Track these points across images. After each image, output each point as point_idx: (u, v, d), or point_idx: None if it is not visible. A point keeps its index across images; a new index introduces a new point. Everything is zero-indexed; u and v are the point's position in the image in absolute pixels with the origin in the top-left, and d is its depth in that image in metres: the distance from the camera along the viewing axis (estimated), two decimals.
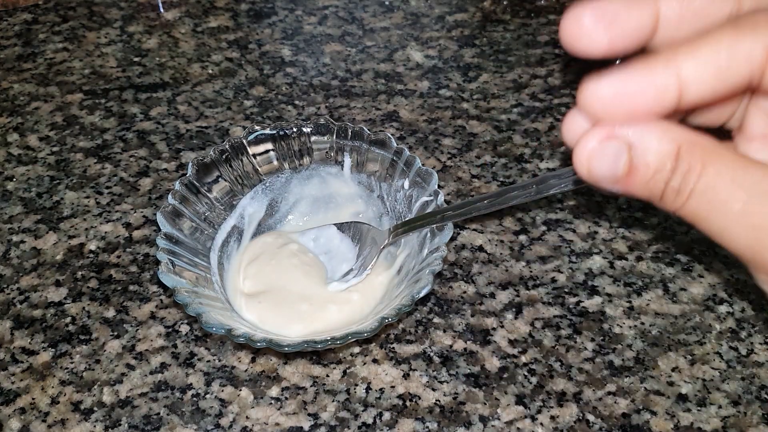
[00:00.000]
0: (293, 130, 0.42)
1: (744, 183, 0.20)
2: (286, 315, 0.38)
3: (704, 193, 0.20)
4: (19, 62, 0.58)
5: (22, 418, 0.35)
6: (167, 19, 0.63)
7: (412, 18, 0.63)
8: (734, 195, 0.20)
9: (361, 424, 0.35)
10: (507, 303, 0.40)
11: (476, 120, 0.52)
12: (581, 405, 0.35)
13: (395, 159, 0.40)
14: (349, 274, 0.40)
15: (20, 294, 0.41)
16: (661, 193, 0.21)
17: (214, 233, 0.40)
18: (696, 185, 0.21)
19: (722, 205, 0.20)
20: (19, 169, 0.49)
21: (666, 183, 0.21)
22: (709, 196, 0.20)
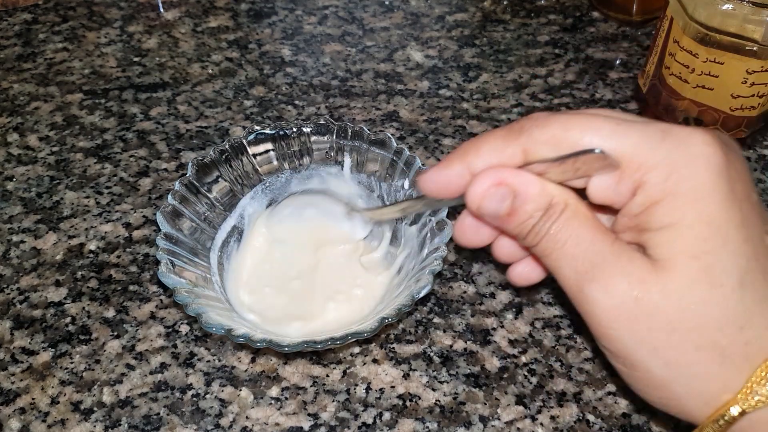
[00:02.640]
0: (293, 130, 0.42)
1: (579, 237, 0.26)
2: (286, 314, 0.38)
3: (551, 238, 0.26)
4: (19, 62, 0.58)
5: (22, 418, 0.35)
6: (167, 19, 0.63)
7: (412, 18, 0.63)
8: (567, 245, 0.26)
9: (361, 424, 0.35)
10: (507, 303, 0.40)
11: (476, 120, 0.52)
12: (581, 405, 0.35)
13: (395, 159, 0.40)
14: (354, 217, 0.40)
15: (20, 294, 0.41)
16: (527, 233, 0.27)
17: (214, 233, 0.40)
18: (548, 231, 0.26)
19: (561, 250, 0.26)
20: (19, 169, 0.49)
21: (533, 226, 0.27)
22: (556, 239, 0.26)
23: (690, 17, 0.42)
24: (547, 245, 0.27)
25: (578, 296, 0.26)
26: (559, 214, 0.26)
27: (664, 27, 0.46)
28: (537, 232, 0.27)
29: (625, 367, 0.27)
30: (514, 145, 0.27)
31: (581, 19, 0.62)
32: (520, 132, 0.26)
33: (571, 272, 0.26)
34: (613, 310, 0.25)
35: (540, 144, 0.26)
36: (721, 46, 0.42)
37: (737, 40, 0.41)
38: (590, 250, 0.26)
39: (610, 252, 0.25)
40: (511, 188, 0.26)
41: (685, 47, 0.44)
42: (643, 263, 0.25)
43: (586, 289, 0.26)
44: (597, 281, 0.25)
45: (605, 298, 0.25)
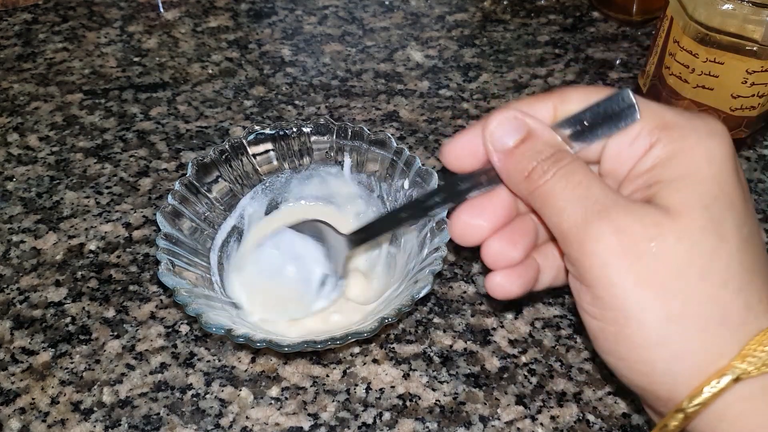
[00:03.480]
0: (293, 130, 0.42)
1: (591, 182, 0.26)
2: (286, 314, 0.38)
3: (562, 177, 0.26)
4: (19, 62, 0.58)
5: (22, 418, 0.35)
6: (167, 19, 0.63)
7: (412, 18, 0.63)
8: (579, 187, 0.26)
9: (361, 424, 0.35)
10: (507, 303, 0.40)
11: (476, 120, 0.52)
12: (581, 405, 0.35)
13: (395, 159, 0.40)
14: (327, 284, 0.38)
15: (20, 294, 0.41)
16: (533, 169, 0.26)
17: (214, 233, 0.40)
18: (560, 170, 0.26)
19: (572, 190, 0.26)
20: (19, 169, 0.49)
21: (541, 162, 0.26)
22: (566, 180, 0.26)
23: (690, 17, 0.42)
24: (556, 184, 0.26)
25: (582, 235, 0.25)
26: (571, 160, 0.26)
27: (664, 27, 0.46)
28: (545, 170, 0.26)
29: (614, 324, 0.25)
30: (544, 102, 0.27)
31: (581, 19, 0.62)
32: (551, 93, 0.28)
33: (579, 211, 0.25)
34: (622, 250, 0.24)
35: (570, 102, 0.27)
36: (721, 46, 0.42)
37: (737, 40, 0.41)
38: (602, 196, 0.25)
39: (622, 200, 0.25)
40: (525, 123, 0.27)
41: (685, 47, 0.44)
42: (655, 210, 0.25)
43: (596, 226, 0.25)
44: (609, 219, 0.24)
45: (615, 238, 0.24)
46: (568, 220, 0.25)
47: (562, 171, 0.26)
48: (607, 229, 0.24)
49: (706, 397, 0.24)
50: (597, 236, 0.25)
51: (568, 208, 0.25)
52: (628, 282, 0.24)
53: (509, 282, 0.30)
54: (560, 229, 0.26)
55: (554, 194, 0.26)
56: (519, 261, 0.30)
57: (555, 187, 0.26)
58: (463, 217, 0.30)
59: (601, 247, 0.24)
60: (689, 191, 0.25)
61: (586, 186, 0.25)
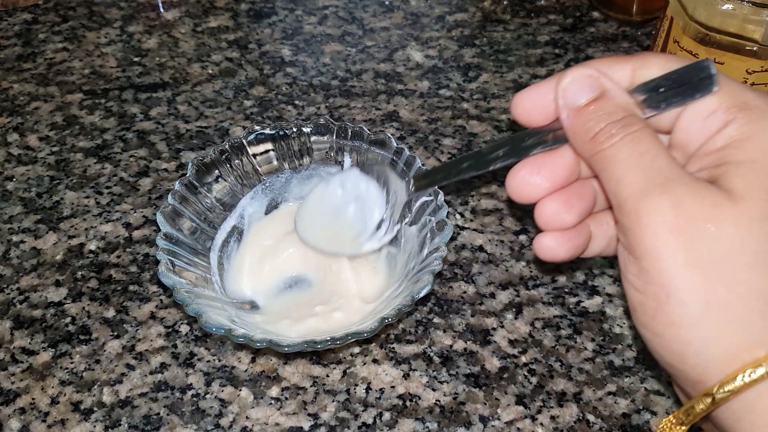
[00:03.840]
0: (293, 130, 0.42)
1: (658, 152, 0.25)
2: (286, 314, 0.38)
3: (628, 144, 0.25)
4: (19, 62, 0.58)
5: (22, 418, 0.35)
6: (167, 19, 0.63)
7: (412, 18, 0.63)
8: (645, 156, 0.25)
9: (361, 424, 0.35)
10: (507, 303, 0.40)
11: (476, 120, 0.52)
12: (581, 405, 0.35)
13: (395, 159, 0.40)
14: (381, 227, 0.39)
15: (20, 294, 0.41)
16: (600, 131, 0.26)
17: (214, 233, 0.40)
18: (627, 136, 0.25)
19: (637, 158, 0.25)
20: (19, 169, 0.49)
21: (609, 125, 0.26)
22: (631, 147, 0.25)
23: (690, 17, 0.42)
24: (621, 150, 0.25)
25: (639, 206, 0.24)
26: (641, 127, 0.25)
27: (664, 27, 0.46)
28: (612, 133, 0.26)
29: (655, 300, 0.25)
30: (624, 65, 0.27)
31: (581, 19, 0.62)
32: (631, 56, 0.27)
33: (641, 181, 0.25)
34: (677, 227, 0.24)
35: (649, 67, 0.26)
36: (721, 46, 0.42)
37: (737, 40, 0.41)
38: (666, 168, 0.25)
39: (686, 175, 0.25)
40: (601, 83, 0.26)
41: (685, 47, 0.44)
42: (718, 191, 0.24)
43: (655, 198, 0.24)
44: (670, 193, 0.24)
45: (673, 213, 0.24)
46: (627, 187, 0.25)
47: (630, 137, 0.25)
48: (666, 202, 0.24)
49: (738, 386, 0.23)
50: (654, 208, 0.24)
51: (629, 176, 0.25)
52: (677, 259, 0.24)
53: (558, 245, 0.30)
54: (618, 196, 0.25)
55: (617, 160, 0.25)
56: (572, 225, 0.30)
57: (619, 152, 0.25)
58: (521, 173, 0.29)
59: (657, 221, 0.24)
60: (755, 177, 0.24)
61: (651, 156, 0.25)
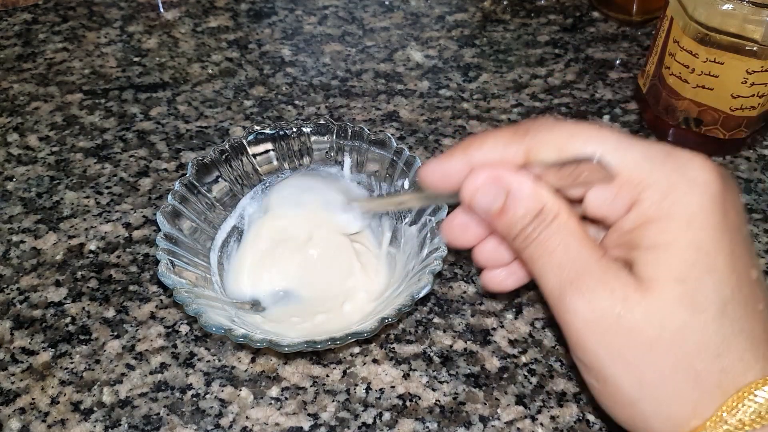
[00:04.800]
0: (293, 130, 0.42)
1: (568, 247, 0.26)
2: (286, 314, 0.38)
3: (540, 244, 0.26)
4: (19, 62, 0.58)
5: (22, 418, 0.35)
6: (167, 19, 0.63)
7: (412, 18, 0.63)
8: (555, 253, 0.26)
9: (361, 424, 0.35)
10: (507, 303, 0.40)
11: (476, 120, 0.52)
12: (581, 405, 0.35)
13: (395, 159, 0.40)
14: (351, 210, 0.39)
15: (20, 294, 0.41)
16: (515, 235, 0.27)
17: (214, 233, 0.40)
18: (538, 236, 0.26)
19: (548, 257, 0.26)
20: (19, 169, 0.49)
21: (522, 229, 0.27)
22: (545, 245, 0.26)
23: (690, 17, 0.42)
24: (535, 251, 0.27)
25: (558, 305, 0.26)
26: (551, 221, 0.26)
27: (664, 27, 0.46)
28: (526, 235, 0.27)
29: (597, 382, 0.27)
30: (518, 144, 0.27)
31: (581, 19, 0.62)
32: (525, 132, 0.27)
33: (555, 280, 0.26)
34: (593, 323, 0.25)
35: (543, 146, 0.26)
36: (721, 46, 0.42)
37: (737, 40, 0.41)
38: (577, 261, 0.26)
39: (597, 265, 0.25)
40: (505, 186, 0.26)
41: (685, 47, 0.44)
42: (628, 280, 0.25)
43: (567, 299, 0.25)
44: (580, 292, 0.25)
45: (586, 310, 0.25)
46: (545, 286, 0.27)
47: (541, 237, 0.26)
48: (578, 301, 0.25)
49: None
50: (571, 309, 0.26)
51: (545, 275, 0.26)
52: (600, 352, 0.25)
53: (507, 275, 0.32)
54: (543, 293, 0.27)
55: (534, 259, 0.27)
56: (510, 261, 0.31)
57: (534, 252, 0.27)
58: (455, 221, 0.31)
59: (576, 321, 0.26)
60: (663, 263, 0.25)
61: (562, 251, 0.26)
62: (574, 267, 0.26)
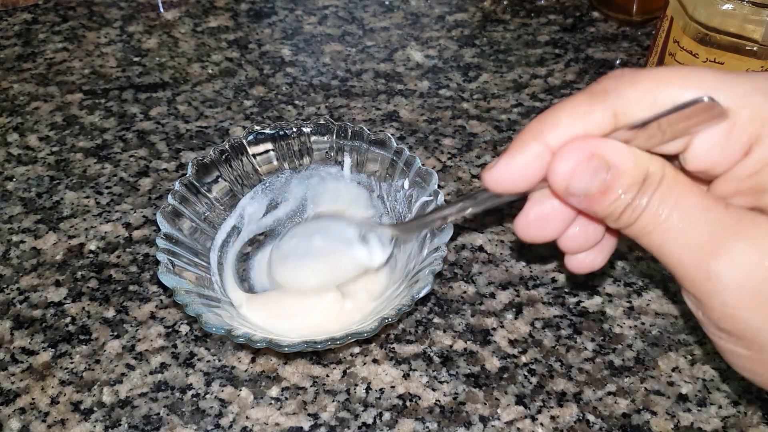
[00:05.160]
0: (293, 130, 0.42)
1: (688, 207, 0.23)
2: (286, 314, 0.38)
3: (653, 213, 0.23)
4: (19, 62, 0.58)
5: (22, 418, 0.35)
6: (167, 19, 0.63)
7: (412, 18, 0.63)
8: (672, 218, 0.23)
9: (361, 424, 0.35)
10: (507, 303, 0.40)
11: (476, 120, 0.52)
12: (581, 405, 0.35)
13: (395, 159, 0.40)
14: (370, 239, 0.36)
15: (20, 294, 0.41)
16: (621, 212, 0.23)
17: (214, 233, 0.40)
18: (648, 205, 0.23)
19: (667, 226, 0.23)
20: (19, 169, 0.49)
21: (629, 203, 0.23)
22: (658, 213, 0.23)
23: (690, 17, 0.42)
24: (648, 222, 0.23)
25: (694, 275, 0.22)
26: (658, 184, 0.23)
27: (664, 27, 0.46)
28: (634, 208, 0.23)
29: (749, 350, 0.23)
30: (601, 109, 0.23)
31: (581, 19, 0.62)
32: (605, 93, 0.23)
33: (684, 248, 0.22)
34: (743, 285, 0.22)
35: (633, 104, 0.23)
36: (721, 46, 0.42)
37: (737, 40, 0.41)
38: (704, 220, 0.22)
39: (728, 219, 0.22)
40: (604, 161, 0.23)
41: (685, 47, 0.44)
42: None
43: (706, 266, 0.22)
44: (721, 254, 0.22)
45: (733, 273, 0.22)
46: (671, 258, 0.23)
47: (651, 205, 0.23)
48: (722, 267, 0.22)
49: None
50: (714, 276, 0.22)
51: (668, 247, 0.23)
52: (754, 316, 0.22)
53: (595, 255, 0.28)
54: (668, 266, 0.24)
55: (647, 233, 0.23)
56: (600, 239, 0.28)
57: (647, 226, 0.23)
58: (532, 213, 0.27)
59: (723, 288, 0.22)
60: None
61: (680, 215, 0.23)
62: (701, 228, 0.22)
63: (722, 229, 0.22)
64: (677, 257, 0.23)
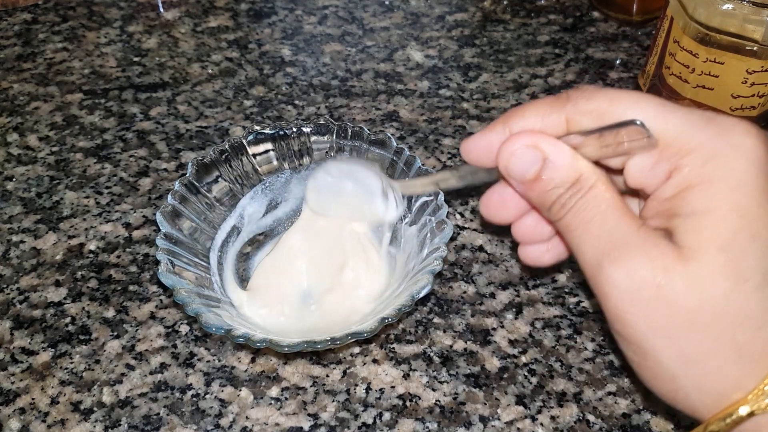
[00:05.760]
0: (293, 130, 0.42)
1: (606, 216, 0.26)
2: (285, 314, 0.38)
3: (577, 214, 0.26)
4: (18, 62, 0.58)
5: (21, 418, 0.35)
6: (167, 19, 0.63)
7: (412, 18, 0.63)
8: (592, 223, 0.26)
9: (361, 425, 0.35)
10: (507, 303, 0.40)
11: (476, 120, 0.52)
12: (581, 405, 0.35)
13: (395, 159, 0.40)
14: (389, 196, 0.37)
15: (20, 294, 0.41)
16: (551, 204, 0.27)
17: (214, 233, 0.40)
18: (574, 205, 0.26)
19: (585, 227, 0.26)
20: (18, 169, 0.49)
21: (558, 198, 0.26)
22: (581, 215, 0.26)
23: (690, 17, 0.42)
24: (572, 220, 0.26)
25: (597, 276, 0.25)
26: (587, 190, 0.26)
27: (664, 27, 0.46)
28: (562, 204, 0.26)
29: (636, 355, 0.26)
30: (558, 113, 0.27)
31: (581, 19, 0.62)
32: (566, 101, 0.27)
33: (593, 251, 0.25)
34: (632, 293, 0.24)
35: (583, 114, 0.26)
36: (721, 46, 0.42)
37: (737, 40, 0.41)
38: (615, 231, 0.25)
39: (636, 235, 0.25)
40: (542, 153, 0.26)
41: (685, 47, 0.44)
42: (668, 250, 0.24)
43: (606, 269, 0.25)
44: (619, 262, 0.24)
45: (625, 281, 0.24)
46: (583, 258, 0.26)
47: (578, 205, 0.26)
48: (617, 272, 0.24)
49: (727, 424, 0.24)
50: (609, 280, 0.25)
51: (583, 246, 0.26)
52: (640, 325, 0.25)
53: (545, 251, 0.31)
54: (580, 263, 0.26)
55: (571, 229, 0.26)
56: (550, 236, 0.31)
57: (572, 222, 0.26)
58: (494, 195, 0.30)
59: (615, 292, 0.25)
60: (705, 231, 0.24)
61: (599, 221, 0.25)
62: (612, 237, 0.25)
63: (629, 242, 0.25)
64: (588, 258, 0.26)
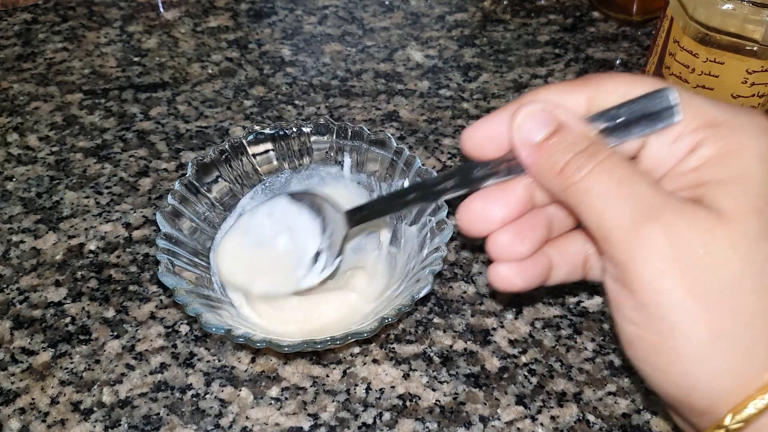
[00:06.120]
0: (293, 130, 0.42)
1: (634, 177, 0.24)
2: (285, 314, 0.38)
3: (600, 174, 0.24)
4: (18, 62, 0.58)
5: (21, 418, 0.35)
6: (167, 18, 0.63)
7: (412, 18, 0.63)
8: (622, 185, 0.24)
9: (361, 425, 0.35)
10: (507, 303, 0.40)
11: (476, 120, 0.52)
12: (581, 405, 0.35)
13: (395, 159, 0.40)
14: (320, 260, 0.35)
15: (20, 294, 0.41)
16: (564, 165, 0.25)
17: (214, 233, 0.40)
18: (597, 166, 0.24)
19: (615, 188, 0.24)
20: (18, 169, 0.49)
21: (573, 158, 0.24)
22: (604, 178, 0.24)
23: (690, 17, 0.42)
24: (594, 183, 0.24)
25: (629, 240, 0.23)
26: (609, 153, 0.24)
27: (664, 27, 0.46)
28: (579, 166, 0.24)
29: (657, 334, 0.23)
30: (578, 93, 0.26)
31: (581, 19, 0.62)
32: (585, 81, 0.26)
33: (624, 212, 0.23)
34: (674, 257, 0.22)
35: (606, 94, 0.25)
36: (721, 46, 0.42)
37: (737, 40, 0.41)
38: (648, 193, 0.23)
39: (670, 198, 0.23)
40: (555, 117, 0.25)
41: (685, 47, 0.44)
42: (708, 213, 0.23)
43: (644, 230, 0.22)
44: (659, 222, 0.22)
45: (667, 242, 0.22)
46: (612, 220, 0.23)
47: (601, 166, 0.24)
48: (657, 232, 0.23)
49: (750, 414, 0.22)
50: (647, 240, 0.23)
51: (612, 208, 0.24)
52: (678, 292, 0.22)
53: (514, 274, 0.29)
54: (602, 230, 0.24)
55: (593, 192, 0.24)
56: (526, 256, 0.29)
57: (594, 184, 0.24)
58: (473, 206, 0.28)
59: (652, 252, 0.23)
60: (741, 194, 0.23)
61: (629, 183, 0.23)
62: (646, 199, 0.23)
63: (665, 202, 0.23)
64: (618, 221, 0.23)
